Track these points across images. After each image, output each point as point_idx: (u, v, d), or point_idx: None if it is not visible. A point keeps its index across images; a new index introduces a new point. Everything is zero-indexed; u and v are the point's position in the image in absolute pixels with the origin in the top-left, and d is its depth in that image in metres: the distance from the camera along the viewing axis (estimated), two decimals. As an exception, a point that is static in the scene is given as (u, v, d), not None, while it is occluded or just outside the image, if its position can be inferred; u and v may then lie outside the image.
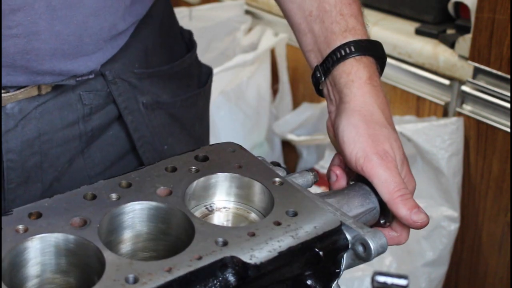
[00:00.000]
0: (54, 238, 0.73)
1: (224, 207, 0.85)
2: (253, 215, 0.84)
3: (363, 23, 0.99)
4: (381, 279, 0.70)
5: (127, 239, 0.79)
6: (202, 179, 0.83)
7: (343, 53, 0.95)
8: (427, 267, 1.92)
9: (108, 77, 1.00)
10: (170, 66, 1.10)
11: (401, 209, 0.87)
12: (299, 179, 0.88)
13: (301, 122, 2.34)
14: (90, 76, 0.99)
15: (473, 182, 1.91)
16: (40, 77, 0.93)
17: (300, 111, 2.36)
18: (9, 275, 0.70)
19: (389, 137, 0.90)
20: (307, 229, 0.76)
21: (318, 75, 0.98)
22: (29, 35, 0.88)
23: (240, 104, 2.28)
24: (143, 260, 0.71)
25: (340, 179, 0.95)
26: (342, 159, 0.95)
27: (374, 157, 0.88)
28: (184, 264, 0.69)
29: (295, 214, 0.78)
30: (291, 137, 2.33)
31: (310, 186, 0.88)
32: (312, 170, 0.90)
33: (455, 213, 1.90)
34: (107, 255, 0.70)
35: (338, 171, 0.95)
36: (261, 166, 0.86)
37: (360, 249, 0.78)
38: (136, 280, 0.67)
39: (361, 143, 0.89)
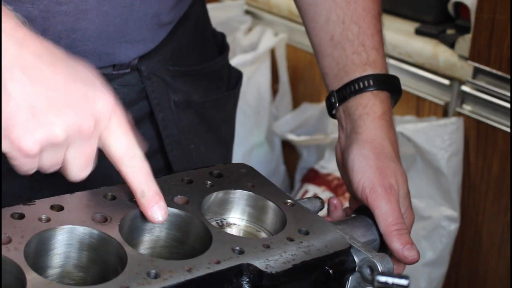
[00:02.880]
0: (81, 230, 0.74)
1: (234, 224, 0.87)
2: (262, 234, 0.86)
3: (384, 56, 1.01)
4: (382, 279, 0.71)
5: (145, 242, 0.80)
6: (221, 192, 0.85)
7: (361, 85, 0.98)
8: (427, 267, 1.92)
9: (143, 72, 1.01)
10: (203, 66, 1.11)
11: (395, 243, 0.90)
12: (308, 204, 0.90)
13: (301, 122, 2.35)
14: (126, 71, 0.99)
15: (473, 182, 1.91)
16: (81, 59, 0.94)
17: (300, 111, 2.36)
18: (33, 258, 0.71)
19: (396, 172, 0.94)
20: (318, 247, 0.79)
21: (333, 100, 1.01)
22: (78, 14, 0.89)
23: (240, 104, 2.27)
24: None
25: (338, 209, 0.99)
26: None
27: (379, 189, 0.92)
28: (203, 266, 0.71)
29: (307, 233, 0.81)
30: (291, 137, 2.33)
31: (317, 213, 0.91)
32: (319, 198, 0.92)
33: (455, 213, 1.90)
34: (129, 250, 0.72)
35: (335, 201, 1.00)
36: (272, 187, 0.88)
37: (367, 271, 0.80)
38: (157, 276, 0.69)
39: (370, 174, 0.93)
